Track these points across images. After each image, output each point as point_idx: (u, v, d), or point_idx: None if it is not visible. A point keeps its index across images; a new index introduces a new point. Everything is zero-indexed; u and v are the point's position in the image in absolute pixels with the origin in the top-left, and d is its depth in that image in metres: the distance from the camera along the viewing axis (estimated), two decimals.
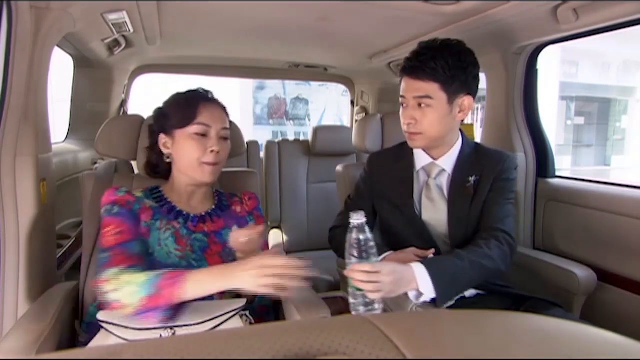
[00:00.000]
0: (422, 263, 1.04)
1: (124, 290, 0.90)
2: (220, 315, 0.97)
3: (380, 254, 1.20)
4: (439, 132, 1.20)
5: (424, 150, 1.27)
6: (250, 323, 1.03)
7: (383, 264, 1.00)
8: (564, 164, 10.62)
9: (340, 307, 1.63)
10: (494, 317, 0.37)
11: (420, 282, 1.01)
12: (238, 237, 1.00)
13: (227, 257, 1.13)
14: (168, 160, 1.16)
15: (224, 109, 1.19)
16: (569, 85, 10.40)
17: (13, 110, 1.14)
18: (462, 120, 1.26)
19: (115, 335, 0.94)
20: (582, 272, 1.37)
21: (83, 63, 2.09)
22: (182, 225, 1.11)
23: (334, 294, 1.74)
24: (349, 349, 0.30)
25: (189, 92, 1.17)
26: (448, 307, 1.27)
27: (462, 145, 1.28)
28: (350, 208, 1.38)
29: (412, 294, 1.03)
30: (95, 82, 2.22)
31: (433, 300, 1.02)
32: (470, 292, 1.30)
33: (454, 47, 1.17)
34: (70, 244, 1.68)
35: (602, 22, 1.30)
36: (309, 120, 10.36)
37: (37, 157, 1.20)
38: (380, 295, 0.93)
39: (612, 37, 1.60)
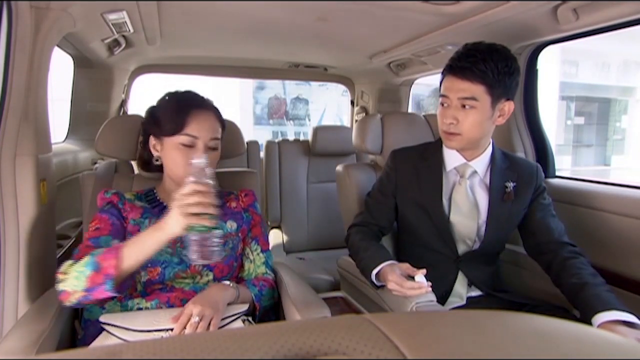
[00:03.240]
0: (612, 309, 1.01)
1: (69, 279, 0.92)
2: (223, 319, 0.98)
3: (383, 261, 1.19)
4: (478, 135, 1.21)
5: (458, 151, 1.27)
6: None
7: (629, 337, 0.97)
8: (564, 164, 10.62)
9: (341, 307, 1.63)
10: (494, 317, 0.37)
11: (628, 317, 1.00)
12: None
13: (221, 252, 1.13)
14: (157, 163, 1.17)
15: (217, 115, 1.16)
16: (569, 85, 10.39)
17: (13, 110, 1.14)
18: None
19: (117, 337, 0.94)
20: None
21: (83, 63, 2.09)
22: None
23: (334, 294, 1.74)
24: (349, 349, 0.30)
25: (181, 96, 1.14)
26: (451, 309, 1.28)
27: (493, 150, 1.29)
28: (372, 205, 1.39)
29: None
30: (95, 82, 2.22)
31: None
32: (471, 294, 1.31)
33: (502, 52, 1.16)
34: (70, 244, 1.68)
35: (602, 22, 1.30)
36: (309, 120, 10.35)
37: (37, 157, 1.20)
38: None
39: (613, 37, 1.59)
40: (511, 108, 1.21)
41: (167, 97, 1.16)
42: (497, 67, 1.13)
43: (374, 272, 1.18)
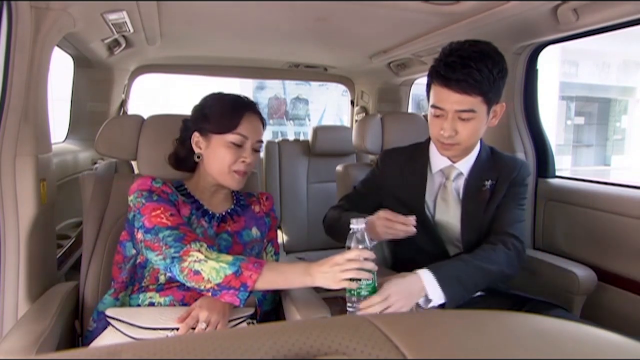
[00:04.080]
0: (428, 268, 1.03)
1: (208, 265, 0.93)
2: (228, 322, 0.98)
3: (368, 215, 1.17)
4: (475, 141, 1.20)
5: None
6: None
7: (389, 283, 0.97)
8: (563, 164, 10.62)
9: (341, 307, 1.63)
10: (494, 317, 0.37)
11: (428, 288, 1.01)
12: None
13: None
14: (198, 160, 1.16)
15: (262, 119, 1.19)
16: (569, 85, 10.39)
17: (13, 110, 1.14)
18: None
19: (122, 332, 0.95)
20: (582, 272, 1.37)
21: (83, 63, 2.09)
22: (209, 225, 1.12)
23: (334, 294, 1.74)
24: (349, 349, 0.30)
25: (235, 98, 1.16)
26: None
27: (480, 148, 1.27)
28: (355, 195, 1.40)
29: (421, 301, 1.02)
30: (95, 82, 2.22)
31: (441, 306, 1.02)
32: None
33: (493, 56, 1.11)
34: (70, 244, 1.68)
35: (602, 22, 1.30)
36: (309, 120, 10.35)
37: (37, 157, 1.19)
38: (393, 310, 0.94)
39: (613, 37, 1.59)
40: (503, 108, 1.19)
41: (219, 98, 1.16)
42: (491, 74, 1.08)
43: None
